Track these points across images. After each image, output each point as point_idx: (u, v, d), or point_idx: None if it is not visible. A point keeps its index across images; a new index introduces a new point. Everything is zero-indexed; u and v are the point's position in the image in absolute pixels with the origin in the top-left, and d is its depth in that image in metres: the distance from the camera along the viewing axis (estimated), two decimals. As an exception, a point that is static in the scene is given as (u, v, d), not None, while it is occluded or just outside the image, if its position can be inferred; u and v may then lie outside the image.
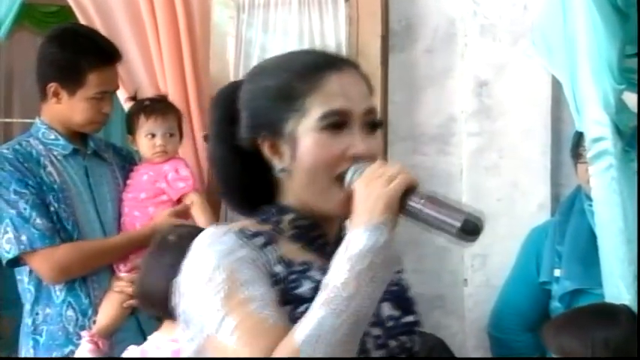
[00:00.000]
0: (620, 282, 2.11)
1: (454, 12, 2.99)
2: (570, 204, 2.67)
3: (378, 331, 1.31)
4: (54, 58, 2.54)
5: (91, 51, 2.55)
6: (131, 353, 2.06)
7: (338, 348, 1.18)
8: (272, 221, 1.34)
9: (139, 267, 2.57)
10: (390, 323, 1.33)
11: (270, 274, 1.27)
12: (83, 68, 2.52)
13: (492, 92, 2.93)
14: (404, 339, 1.34)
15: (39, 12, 4.50)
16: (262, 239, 1.30)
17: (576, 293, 2.53)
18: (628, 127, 2.20)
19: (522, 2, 2.91)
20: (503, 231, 2.86)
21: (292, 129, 1.31)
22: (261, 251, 1.28)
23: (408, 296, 1.40)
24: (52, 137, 2.59)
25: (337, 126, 1.30)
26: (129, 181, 2.69)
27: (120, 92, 2.83)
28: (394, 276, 1.37)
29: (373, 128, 1.33)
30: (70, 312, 2.55)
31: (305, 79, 1.31)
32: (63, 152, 2.59)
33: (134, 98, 2.81)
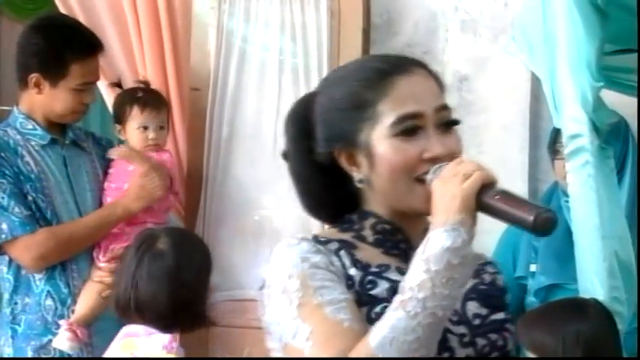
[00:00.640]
0: (594, 277, 2.13)
1: (435, 7, 3.00)
2: (547, 200, 2.69)
3: (463, 329, 1.29)
4: (37, 49, 2.52)
5: (75, 42, 2.53)
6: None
7: (412, 351, 1.17)
8: (354, 229, 1.34)
9: (119, 257, 2.59)
10: (477, 321, 1.31)
11: (345, 278, 1.27)
12: (67, 60, 2.51)
13: (472, 87, 2.95)
14: (494, 337, 1.32)
15: (18, -1, 4.47)
16: (336, 244, 1.30)
17: (551, 288, 2.56)
18: (605, 125, 2.22)
19: (503, -2, 2.93)
20: (480, 226, 2.86)
21: (366, 138, 1.30)
22: (335, 255, 1.28)
23: (499, 294, 1.37)
24: (30, 127, 2.57)
25: (411, 130, 1.29)
26: (111, 170, 2.68)
27: (100, 79, 2.82)
28: (486, 277, 1.37)
29: (449, 126, 1.31)
30: (49, 301, 2.55)
31: (373, 86, 1.30)
32: (41, 142, 2.57)
33: (119, 85, 2.80)
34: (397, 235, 1.33)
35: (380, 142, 1.29)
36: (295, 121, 1.39)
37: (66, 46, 2.51)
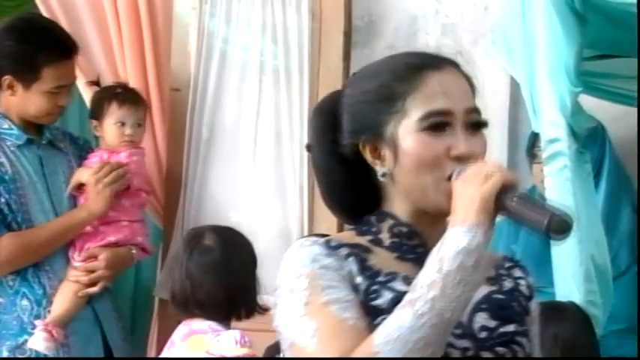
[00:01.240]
0: (571, 281, 2.15)
1: (416, 10, 3.01)
2: (525, 203, 2.71)
3: (467, 343, 1.26)
4: (10, 51, 2.50)
5: (49, 45, 2.51)
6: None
7: (417, 351, 1.15)
8: (372, 232, 1.32)
9: (95, 256, 2.58)
10: (483, 334, 1.27)
11: (352, 285, 1.25)
12: (39, 63, 2.49)
13: (452, 91, 2.96)
14: (502, 350, 1.28)
15: (-3, -4, 4.43)
16: (347, 250, 1.27)
17: (529, 291, 2.57)
18: (583, 129, 2.24)
19: (483, 3, 2.95)
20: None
21: (393, 131, 1.28)
22: (344, 261, 1.26)
23: (516, 304, 1.33)
24: (6, 127, 2.56)
25: (439, 126, 1.27)
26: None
27: (78, 78, 2.80)
28: (508, 283, 1.33)
29: (477, 128, 1.29)
30: (25, 302, 2.53)
31: (404, 80, 1.28)
32: (17, 142, 2.56)
33: (97, 83, 2.78)
34: (414, 239, 1.30)
35: (406, 136, 1.27)
36: (321, 113, 1.37)
37: (38, 50, 2.49)
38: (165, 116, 3.00)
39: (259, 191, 2.96)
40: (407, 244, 1.31)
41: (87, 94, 2.93)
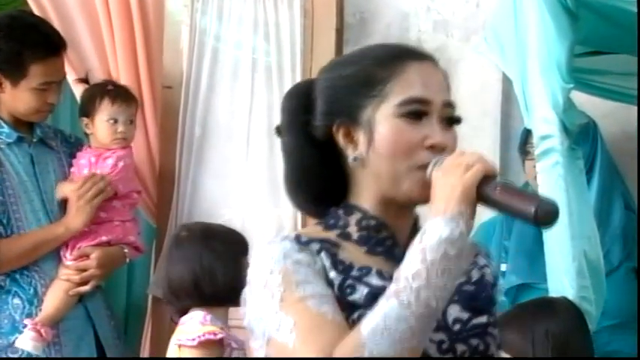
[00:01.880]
0: (564, 277, 2.15)
1: (408, 7, 3.01)
2: (517, 200, 2.71)
3: (442, 336, 1.27)
4: None
5: (35, 42, 2.50)
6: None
7: (404, 341, 1.15)
8: (339, 226, 1.31)
9: (87, 255, 2.57)
10: (457, 327, 1.28)
11: (326, 281, 1.25)
12: (25, 59, 2.47)
13: (444, 88, 2.96)
14: (475, 342, 1.29)
15: (-12, -6, 4.41)
16: (317, 245, 1.27)
17: (522, 288, 2.58)
18: (575, 126, 2.25)
19: (475, -1, 2.95)
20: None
21: (370, 115, 1.28)
22: (316, 257, 1.26)
23: (485, 295, 1.34)
24: None
25: (417, 114, 1.28)
26: (72, 169, 2.66)
27: (69, 77, 2.79)
28: (475, 273, 1.33)
29: (451, 123, 1.30)
30: (17, 300, 2.52)
31: (385, 66, 1.29)
32: (7, 140, 2.55)
33: (86, 81, 2.77)
34: (382, 232, 1.31)
35: (383, 121, 1.28)
36: (294, 96, 1.37)
37: (24, 46, 2.48)
38: (157, 114, 2.99)
39: (252, 189, 2.95)
40: (375, 238, 1.31)
41: (78, 92, 2.92)
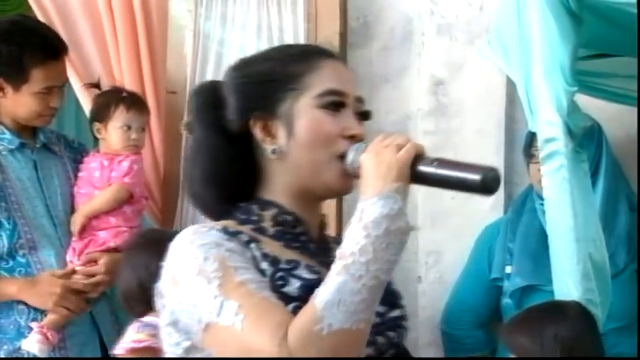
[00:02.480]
0: (569, 279, 2.15)
1: (411, 11, 3.01)
2: (522, 203, 2.71)
3: None
4: None
5: (36, 46, 2.50)
6: None
7: (359, 312, 1.17)
8: (253, 220, 1.33)
9: (95, 260, 2.58)
10: (377, 320, 1.30)
11: (259, 270, 1.25)
12: (27, 64, 2.48)
13: (448, 91, 2.96)
14: (391, 334, 1.34)
15: (-8, 0, 4.42)
16: (246, 237, 1.29)
17: (527, 290, 2.58)
18: (579, 129, 2.24)
19: (479, 3, 2.95)
20: (456, 228, 2.90)
21: (289, 108, 1.32)
22: (246, 247, 1.27)
23: (393, 290, 1.39)
24: None
25: (336, 105, 1.32)
26: (80, 174, 2.66)
27: (73, 82, 2.80)
28: None
29: (362, 118, 1.35)
30: (22, 305, 2.52)
31: (302, 61, 1.34)
32: (9, 146, 2.55)
33: (97, 86, 2.78)
34: (297, 227, 1.33)
35: (303, 112, 1.32)
36: (201, 93, 1.39)
37: (24, 51, 2.48)
38: (161, 119, 3.00)
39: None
40: (290, 232, 1.33)
41: (83, 98, 2.93)
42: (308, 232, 1.34)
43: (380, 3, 3.03)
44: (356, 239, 1.20)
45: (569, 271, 2.15)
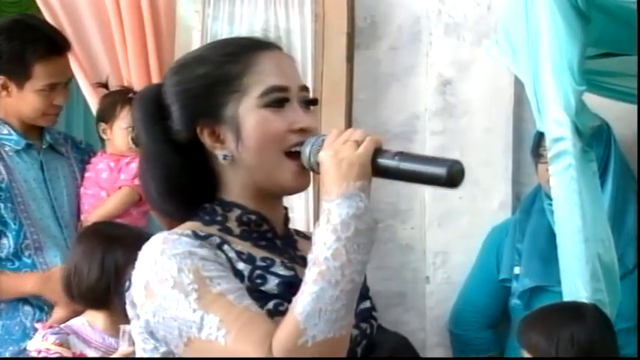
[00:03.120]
0: (577, 280, 2.14)
1: (419, 10, 3.00)
2: (530, 203, 2.71)
3: None
4: (1, 50, 2.50)
5: (38, 42, 2.50)
6: None
7: (341, 319, 1.17)
8: (218, 221, 1.31)
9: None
10: None
11: (234, 272, 1.24)
12: (29, 60, 2.48)
13: (456, 91, 2.95)
14: (364, 326, 1.33)
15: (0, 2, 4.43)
16: (217, 239, 1.27)
17: (535, 290, 2.57)
18: (587, 128, 2.24)
19: (486, 2, 2.94)
20: (464, 229, 2.89)
21: (233, 111, 1.29)
22: (219, 250, 1.25)
23: (363, 282, 1.36)
24: (5, 132, 2.55)
25: (279, 102, 1.30)
26: (87, 175, 2.66)
27: (81, 83, 2.79)
28: None
29: (309, 105, 1.33)
30: (27, 307, 2.53)
31: (238, 60, 1.30)
32: (15, 147, 2.55)
33: (105, 85, 2.78)
34: (263, 226, 1.32)
35: (248, 115, 1.29)
36: (143, 104, 1.35)
37: (26, 47, 2.48)
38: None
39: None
40: (257, 231, 1.31)
41: (91, 98, 2.93)
42: (274, 230, 1.33)
43: (387, 3, 3.03)
44: (327, 243, 1.19)
45: (577, 272, 2.15)
